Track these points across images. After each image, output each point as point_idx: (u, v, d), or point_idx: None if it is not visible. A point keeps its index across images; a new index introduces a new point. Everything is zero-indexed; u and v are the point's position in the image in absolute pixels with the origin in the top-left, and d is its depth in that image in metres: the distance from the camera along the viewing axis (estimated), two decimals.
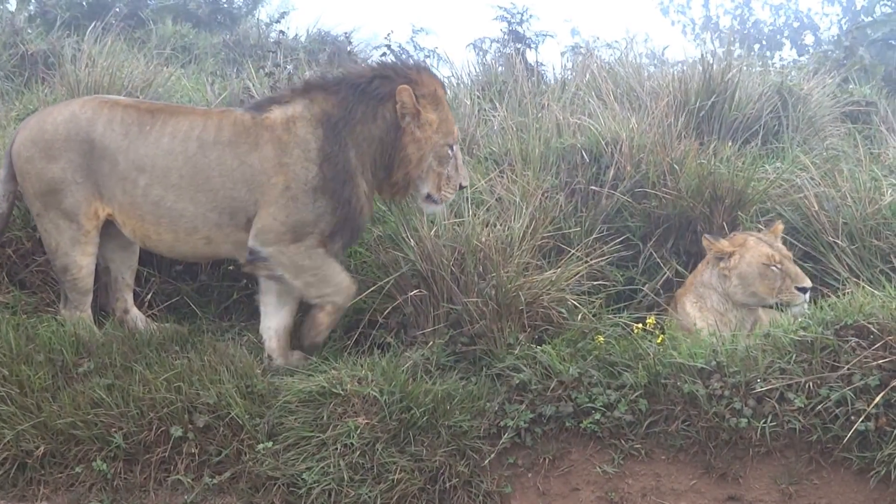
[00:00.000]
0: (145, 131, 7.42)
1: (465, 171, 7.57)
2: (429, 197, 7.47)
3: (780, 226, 7.60)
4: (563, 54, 11.92)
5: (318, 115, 7.35)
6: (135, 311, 7.78)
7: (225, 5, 14.39)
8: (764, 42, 16.50)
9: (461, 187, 7.52)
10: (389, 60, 9.51)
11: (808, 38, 16.54)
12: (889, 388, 6.29)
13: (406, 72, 7.49)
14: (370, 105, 7.34)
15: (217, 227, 7.35)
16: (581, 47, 12.44)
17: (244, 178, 7.30)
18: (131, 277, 7.82)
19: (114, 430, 6.64)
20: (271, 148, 7.30)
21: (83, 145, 7.43)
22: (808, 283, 7.30)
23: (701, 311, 7.48)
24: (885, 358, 6.36)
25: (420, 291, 7.30)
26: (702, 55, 9.95)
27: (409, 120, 7.33)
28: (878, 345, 6.42)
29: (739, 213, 7.90)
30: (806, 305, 7.25)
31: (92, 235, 7.50)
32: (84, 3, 13.28)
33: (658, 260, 7.89)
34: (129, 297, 7.80)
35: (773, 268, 7.32)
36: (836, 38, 15.35)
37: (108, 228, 7.57)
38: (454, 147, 7.49)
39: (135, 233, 7.48)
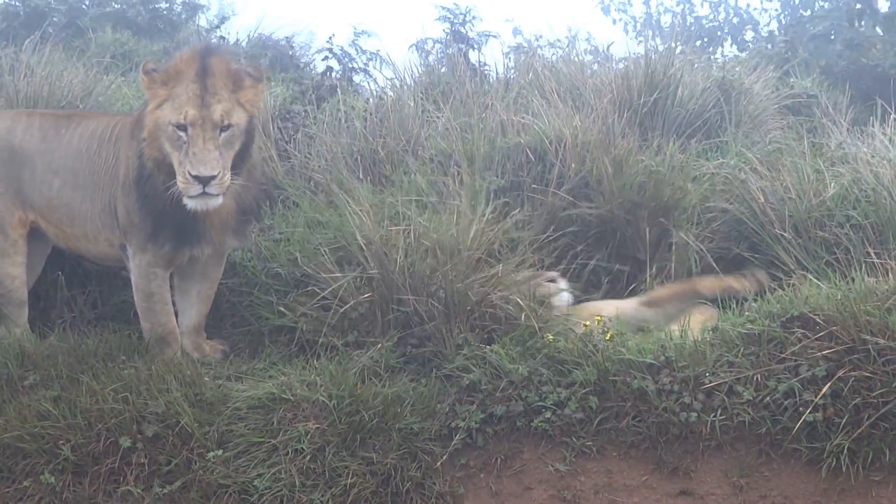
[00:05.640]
0: (60, 134, 7.38)
1: (199, 157, 6.68)
2: (178, 188, 6.81)
3: None
4: (506, 55, 11.87)
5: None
6: None
7: (165, 12, 14.26)
8: (705, 38, 16.56)
9: (193, 177, 6.67)
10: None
11: (749, 34, 16.62)
12: (836, 378, 6.33)
13: (177, 53, 7.27)
14: None
15: (111, 230, 7.31)
16: (524, 46, 12.40)
17: (116, 174, 7.22)
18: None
19: (61, 442, 6.55)
20: (125, 142, 7.20)
21: (3, 153, 7.40)
22: None
23: None
24: (831, 348, 6.41)
25: (371, 296, 7.27)
26: (645, 51, 9.97)
27: (147, 97, 6.95)
28: (824, 336, 6.47)
29: (682, 207, 7.94)
30: None
31: (20, 245, 7.47)
32: (21, 13, 13.12)
33: (605, 254, 7.90)
34: None
35: None
36: (775, 32, 15.44)
37: None
38: (188, 129, 6.71)
39: (57, 237, 7.48)
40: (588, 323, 6.93)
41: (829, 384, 6.33)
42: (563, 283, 7.48)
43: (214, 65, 6.86)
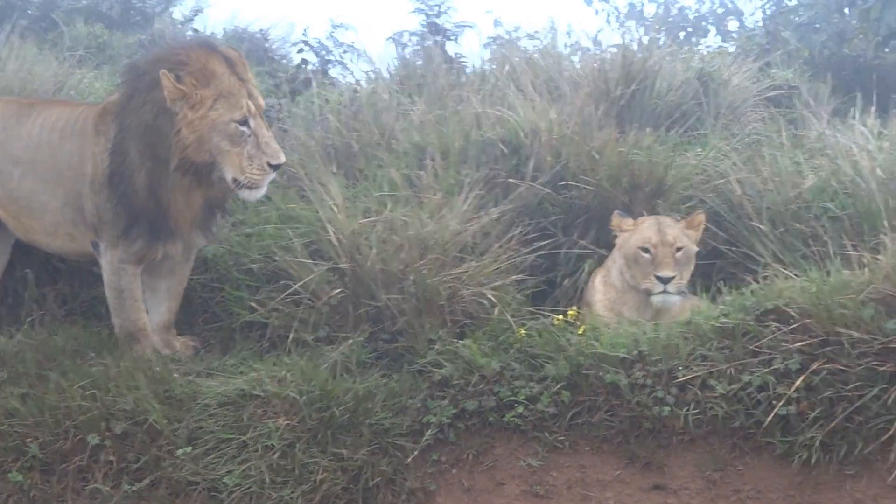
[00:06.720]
0: (21, 123, 7.35)
1: (274, 147, 6.92)
2: (237, 182, 6.89)
3: (700, 216, 7.53)
4: (485, 46, 11.79)
5: (115, 107, 7.17)
6: None
7: (138, 4, 14.17)
8: (689, 29, 16.53)
9: (272, 167, 6.94)
10: (170, 43, 9.17)
11: (733, 24, 16.61)
12: (809, 371, 6.31)
13: (176, 53, 7.01)
14: (140, 93, 6.99)
15: (73, 225, 7.27)
16: (503, 38, 12.32)
17: (82, 170, 7.19)
18: None
19: (29, 439, 6.53)
20: (90, 138, 7.19)
21: None
22: (666, 273, 7.13)
23: (605, 285, 7.45)
24: (805, 341, 6.39)
25: (343, 291, 7.20)
26: (623, 42, 9.92)
27: (179, 102, 6.82)
28: (798, 328, 6.45)
29: (659, 200, 7.87)
30: (671, 299, 7.17)
31: None
32: None
33: (579, 251, 7.84)
34: None
35: (646, 253, 7.26)
36: (759, 22, 15.40)
37: None
38: (250, 122, 6.88)
39: (17, 229, 7.45)
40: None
41: (802, 377, 6.32)
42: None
43: (231, 55, 6.95)
